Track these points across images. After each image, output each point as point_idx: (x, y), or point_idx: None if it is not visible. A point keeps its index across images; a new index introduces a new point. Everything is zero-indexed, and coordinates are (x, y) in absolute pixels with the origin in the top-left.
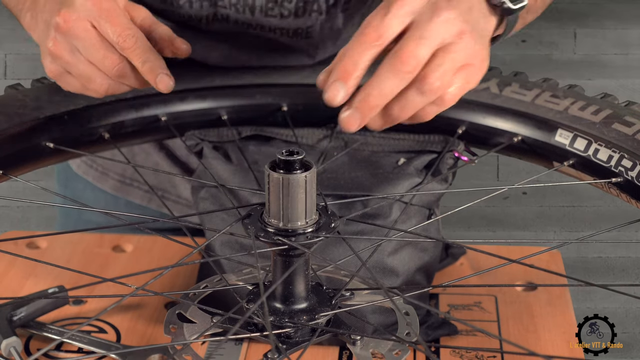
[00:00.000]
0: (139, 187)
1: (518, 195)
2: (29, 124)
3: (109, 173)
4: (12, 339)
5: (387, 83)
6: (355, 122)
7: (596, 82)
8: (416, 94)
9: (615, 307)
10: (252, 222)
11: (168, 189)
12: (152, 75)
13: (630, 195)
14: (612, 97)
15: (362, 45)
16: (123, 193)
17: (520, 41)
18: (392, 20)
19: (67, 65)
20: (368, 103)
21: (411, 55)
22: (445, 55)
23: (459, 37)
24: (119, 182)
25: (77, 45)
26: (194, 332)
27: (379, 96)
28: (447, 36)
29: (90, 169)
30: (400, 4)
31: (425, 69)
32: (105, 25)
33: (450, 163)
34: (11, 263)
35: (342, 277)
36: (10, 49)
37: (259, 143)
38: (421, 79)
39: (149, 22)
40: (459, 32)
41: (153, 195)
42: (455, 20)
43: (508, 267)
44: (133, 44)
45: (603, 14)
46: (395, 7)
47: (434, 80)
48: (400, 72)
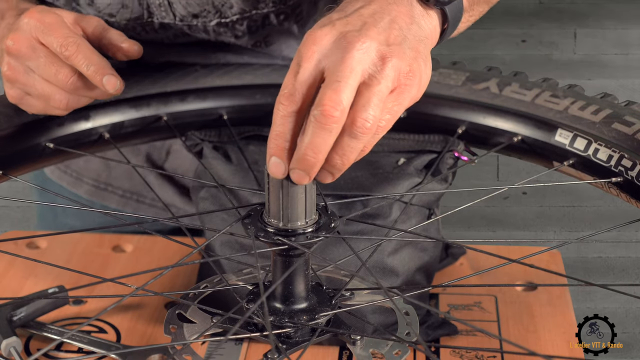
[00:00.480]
0: (114, 192)
1: (518, 195)
2: (29, 124)
3: (83, 178)
4: (12, 339)
5: (318, 140)
6: (304, 179)
7: (596, 82)
8: (350, 140)
9: (615, 307)
10: (252, 222)
11: (143, 192)
12: (98, 78)
13: (630, 195)
14: (612, 97)
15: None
16: (98, 198)
17: (520, 41)
18: (304, 75)
19: (25, 87)
20: (307, 162)
21: (332, 106)
22: (369, 90)
23: (381, 63)
24: (94, 187)
25: (30, 66)
26: (194, 332)
27: (315, 153)
28: (366, 67)
29: (64, 174)
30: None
31: (352, 112)
32: (49, 38)
33: (450, 163)
34: (11, 263)
35: (342, 277)
36: None
37: (259, 143)
38: (350, 124)
39: (99, 30)
40: (380, 58)
41: (128, 200)
42: (370, 48)
43: (508, 267)
44: (75, 51)
45: (603, 14)
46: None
47: (363, 122)
48: (326, 125)
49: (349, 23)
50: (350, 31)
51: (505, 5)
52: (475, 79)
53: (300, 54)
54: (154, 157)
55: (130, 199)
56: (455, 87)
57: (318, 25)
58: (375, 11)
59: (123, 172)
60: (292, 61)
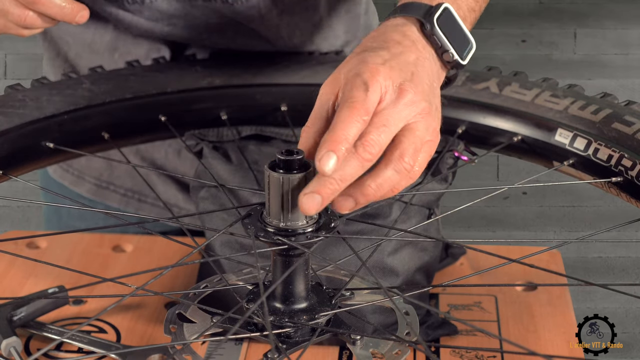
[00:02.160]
0: (115, 191)
1: (518, 195)
2: (29, 124)
3: (84, 177)
4: (12, 339)
5: (349, 170)
6: (315, 205)
7: (596, 82)
8: (393, 173)
9: (615, 307)
10: (252, 222)
11: (145, 192)
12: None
13: (630, 195)
14: (612, 97)
15: (352, 118)
16: (100, 197)
17: (520, 41)
18: (373, 95)
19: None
20: (328, 187)
21: (375, 144)
22: (412, 135)
23: (422, 116)
24: (95, 186)
25: None
26: (194, 332)
27: (340, 181)
28: (410, 117)
29: (66, 173)
30: (375, 81)
31: (400, 148)
32: None
33: (450, 163)
34: (11, 263)
35: (342, 277)
36: (10, 49)
37: (258, 143)
38: (398, 158)
39: None
40: (422, 111)
41: (130, 199)
42: (417, 101)
43: (508, 267)
44: None
45: (603, 14)
46: (372, 83)
47: (408, 160)
48: (363, 160)
49: (402, 70)
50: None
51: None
52: (475, 78)
53: (363, 77)
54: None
55: (132, 198)
56: (455, 86)
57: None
58: (417, 61)
59: (125, 171)
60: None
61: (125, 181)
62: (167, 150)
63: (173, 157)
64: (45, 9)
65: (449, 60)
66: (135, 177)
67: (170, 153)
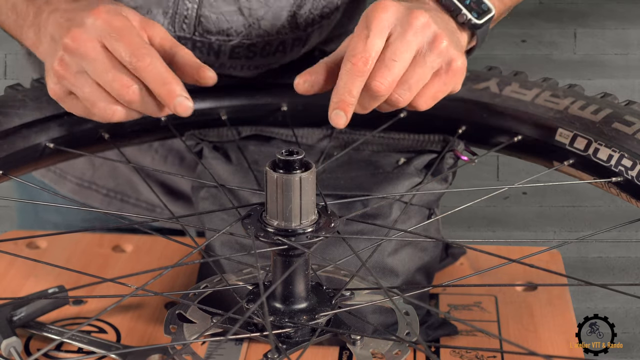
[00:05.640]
0: (98, 191)
1: (518, 195)
2: (29, 124)
3: (67, 176)
4: (12, 339)
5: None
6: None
7: (596, 82)
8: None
9: (615, 307)
10: (252, 222)
11: (127, 192)
12: (170, 99)
13: (630, 195)
14: (612, 97)
15: (353, 74)
16: (81, 196)
17: (520, 41)
18: (374, 40)
19: (71, 86)
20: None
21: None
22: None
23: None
24: (77, 186)
25: (85, 67)
26: (194, 332)
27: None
28: (424, 41)
29: (47, 171)
30: (378, 22)
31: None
32: (117, 44)
33: (450, 163)
34: (11, 263)
35: (342, 277)
36: (10, 49)
37: (259, 143)
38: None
39: (169, 44)
40: (435, 35)
41: (112, 199)
42: (429, 23)
43: (508, 267)
44: (148, 64)
45: (603, 14)
46: (375, 26)
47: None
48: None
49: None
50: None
51: None
52: (475, 78)
53: (369, 20)
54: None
55: (114, 198)
56: None
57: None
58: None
59: (108, 171)
60: (358, 23)
61: (107, 181)
62: (153, 156)
63: (159, 162)
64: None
65: (464, 21)
66: (118, 177)
67: (157, 159)
